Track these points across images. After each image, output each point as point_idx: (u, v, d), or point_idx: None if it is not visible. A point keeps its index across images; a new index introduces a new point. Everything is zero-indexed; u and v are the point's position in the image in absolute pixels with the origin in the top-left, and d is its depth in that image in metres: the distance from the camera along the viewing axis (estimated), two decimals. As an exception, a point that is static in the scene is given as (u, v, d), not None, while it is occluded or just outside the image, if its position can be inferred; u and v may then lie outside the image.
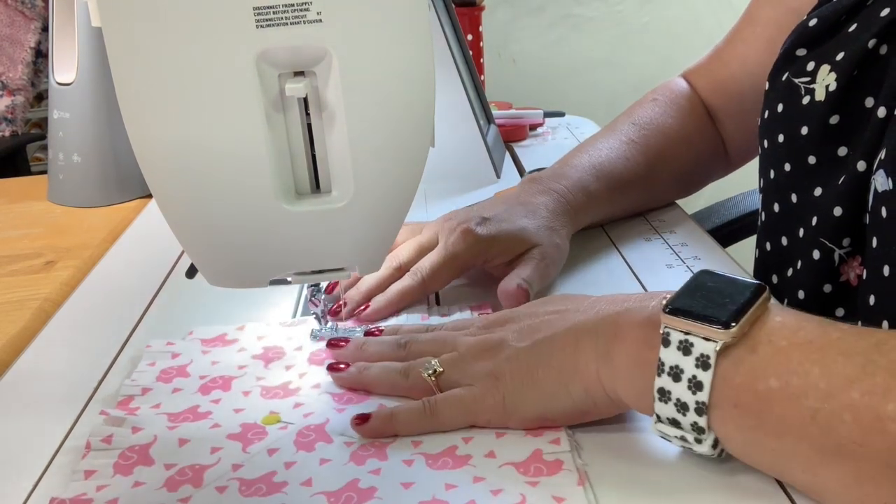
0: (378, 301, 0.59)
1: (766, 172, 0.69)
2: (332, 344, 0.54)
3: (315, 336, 0.57)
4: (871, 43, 0.59)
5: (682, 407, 0.40)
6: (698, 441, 0.40)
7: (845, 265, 0.62)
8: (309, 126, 0.46)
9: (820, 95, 0.62)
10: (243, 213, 0.46)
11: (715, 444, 0.40)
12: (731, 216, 1.03)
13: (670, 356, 0.40)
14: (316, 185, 0.48)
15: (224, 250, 0.48)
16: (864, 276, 0.58)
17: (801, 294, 0.65)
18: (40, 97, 1.87)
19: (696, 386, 0.39)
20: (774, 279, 0.69)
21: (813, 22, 0.65)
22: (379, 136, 0.45)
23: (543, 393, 0.45)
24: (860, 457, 0.35)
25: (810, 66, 0.63)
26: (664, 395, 0.40)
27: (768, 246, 0.71)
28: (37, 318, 0.65)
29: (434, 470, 0.43)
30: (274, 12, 0.41)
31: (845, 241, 0.61)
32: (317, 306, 0.56)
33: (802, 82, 0.64)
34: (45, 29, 1.41)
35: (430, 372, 0.48)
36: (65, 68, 0.89)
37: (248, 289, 0.53)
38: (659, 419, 0.41)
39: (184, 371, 0.54)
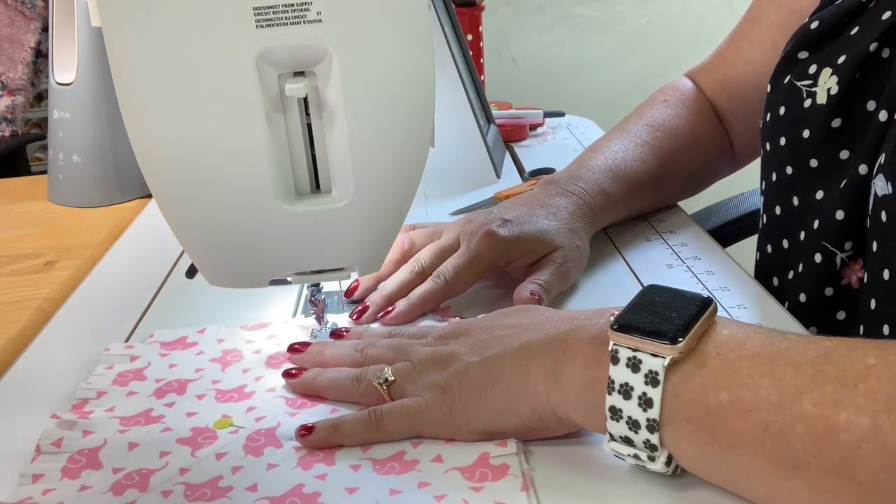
0: (401, 305, 0.58)
1: (767, 175, 0.69)
2: (293, 348, 0.54)
3: (315, 336, 0.57)
4: (873, 46, 0.59)
5: (634, 424, 0.39)
6: (651, 459, 0.40)
7: (847, 268, 0.62)
8: (309, 126, 0.46)
9: (821, 99, 0.62)
10: (243, 213, 0.46)
11: (668, 462, 0.40)
12: (731, 216, 1.03)
13: (619, 374, 0.39)
14: (316, 185, 0.48)
15: (224, 250, 0.48)
16: (865, 280, 0.58)
17: (802, 297, 0.65)
18: (40, 97, 1.86)
19: (646, 403, 0.39)
20: (775, 282, 0.69)
21: (814, 24, 0.65)
22: (379, 136, 0.45)
23: (490, 409, 0.44)
24: (816, 468, 0.35)
25: (812, 69, 0.63)
26: (615, 413, 0.40)
27: (769, 248, 0.70)
28: (37, 318, 0.65)
29: (380, 475, 0.43)
30: (274, 12, 0.41)
31: (847, 245, 0.61)
32: (317, 306, 0.56)
33: (804, 85, 0.63)
34: (45, 29, 1.41)
35: (382, 381, 0.48)
36: (65, 68, 0.89)
37: (248, 289, 0.53)
38: (612, 438, 0.41)
39: (140, 374, 0.54)
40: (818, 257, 0.63)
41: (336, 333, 0.56)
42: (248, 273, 0.49)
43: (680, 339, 0.38)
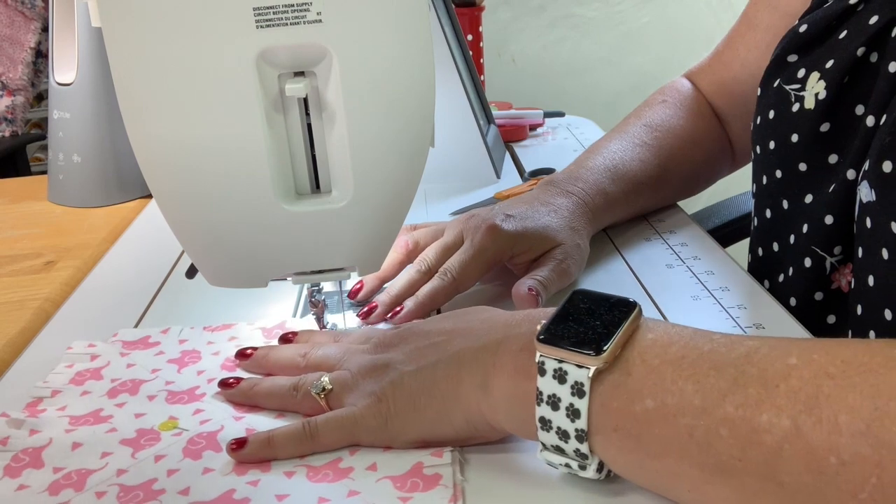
0: (409, 305, 0.58)
1: (758, 178, 0.69)
2: (241, 353, 0.54)
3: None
4: (860, 51, 0.59)
5: (564, 434, 0.39)
6: (582, 467, 0.40)
7: (837, 273, 0.62)
8: (309, 126, 0.46)
9: (809, 103, 0.62)
10: (243, 213, 0.46)
11: (600, 468, 0.40)
12: (731, 216, 1.03)
13: (547, 385, 0.39)
14: (316, 185, 0.48)
15: (224, 250, 0.48)
16: (853, 285, 0.58)
17: (792, 301, 0.65)
18: (40, 97, 1.87)
19: (573, 414, 0.38)
20: (766, 284, 0.69)
21: (803, 28, 0.65)
22: (379, 136, 0.45)
23: (425, 420, 0.44)
24: (740, 471, 0.35)
25: (801, 73, 0.63)
26: (545, 423, 0.40)
27: (760, 251, 0.71)
28: (37, 318, 0.65)
29: (312, 483, 0.43)
30: (274, 12, 0.41)
31: (836, 249, 0.61)
32: (317, 306, 0.56)
33: (793, 89, 0.64)
34: (45, 29, 1.41)
35: (319, 390, 0.48)
36: (65, 68, 0.89)
37: (248, 289, 0.52)
38: (544, 447, 0.41)
39: (98, 374, 0.54)
40: (808, 261, 0.63)
41: (284, 338, 0.56)
42: (248, 273, 0.49)
43: (604, 349, 0.38)
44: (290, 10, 0.41)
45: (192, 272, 0.68)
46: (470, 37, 1.24)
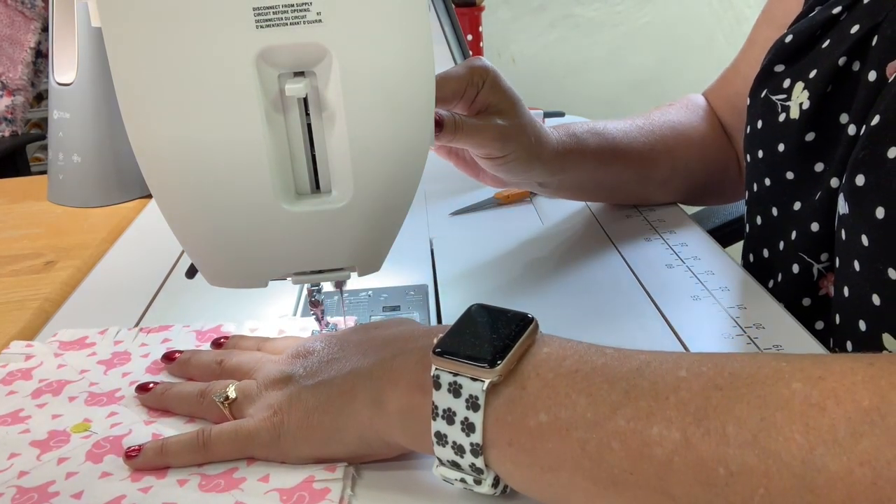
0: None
1: (750, 185, 0.70)
2: (167, 356, 0.54)
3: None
4: (842, 60, 0.59)
5: (459, 449, 0.39)
6: (478, 482, 0.39)
7: (824, 279, 0.62)
8: (309, 126, 0.46)
9: (794, 113, 0.62)
10: (243, 213, 0.46)
11: (496, 484, 0.39)
12: (731, 217, 1.03)
13: (442, 399, 0.39)
14: (316, 185, 0.48)
15: (224, 250, 0.48)
16: (833, 294, 0.59)
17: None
18: (40, 97, 1.87)
19: (468, 427, 0.38)
20: None
21: (789, 38, 0.65)
22: (379, 136, 0.45)
23: (317, 438, 0.43)
24: (632, 485, 0.35)
25: (786, 83, 0.64)
26: (441, 438, 0.39)
27: (751, 257, 0.71)
28: (37, 318, 0.65)
29: (202, 492, 0.42)
30: (274, 12, 0.41)
31: (823, 256, 0.61)
32: (317, 307, 0.56)
33: (779, 100, 0.64)
34: (45, 29, 1.41)
35: (222, 399, 0.47)
36: (65, 68, 0.89)
37: (248, 289, 0.52)
38: (441, 462, 0.40)
39: (28, 374, 0.54)
40: (796, 268, 0.63)
41: (216, 342, 0.56)
42: (248, 273, 0.49)
43: (499, 362, 0.38)
44: (290, 10, 0.41)
45: (192, 272, 0.67)
46: (470, 37, 1.24)
